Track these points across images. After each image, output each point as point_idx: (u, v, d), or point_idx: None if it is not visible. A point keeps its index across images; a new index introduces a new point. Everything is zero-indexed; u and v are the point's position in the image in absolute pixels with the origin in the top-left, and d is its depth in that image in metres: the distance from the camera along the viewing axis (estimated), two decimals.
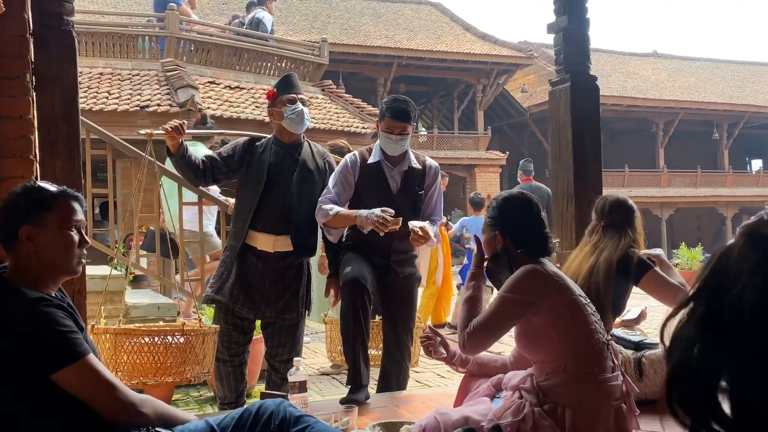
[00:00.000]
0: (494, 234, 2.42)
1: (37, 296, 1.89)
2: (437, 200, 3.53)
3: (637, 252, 3.22)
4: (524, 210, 2.44)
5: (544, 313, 2.23)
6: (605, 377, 2.22)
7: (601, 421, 2.17)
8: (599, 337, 2.26)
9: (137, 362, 3.48)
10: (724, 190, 25.05)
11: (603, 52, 26.96)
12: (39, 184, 2.05)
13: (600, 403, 2.18)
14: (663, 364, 3.21)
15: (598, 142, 4.01)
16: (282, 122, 3.48)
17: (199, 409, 4.36)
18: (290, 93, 3.48)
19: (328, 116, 10.45)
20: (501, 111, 24.92)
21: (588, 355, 2.22)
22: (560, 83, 4.04)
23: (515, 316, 2.29)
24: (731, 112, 25.63)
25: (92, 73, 9.42)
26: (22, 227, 1.94)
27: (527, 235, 2.39)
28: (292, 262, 3.47)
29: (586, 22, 4.01)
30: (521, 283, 2.27)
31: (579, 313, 2.24)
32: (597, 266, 3.13)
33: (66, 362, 1.84)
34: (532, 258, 2.36)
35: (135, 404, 1.94)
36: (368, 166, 3.45)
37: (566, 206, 3.92)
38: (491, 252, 2.46)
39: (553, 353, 2.23)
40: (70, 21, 2.96)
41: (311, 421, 2.05)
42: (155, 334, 3.60)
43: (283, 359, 3.52)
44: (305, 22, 21.64)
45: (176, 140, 3.35)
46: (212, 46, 10.34)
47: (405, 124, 3.35)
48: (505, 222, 2.42)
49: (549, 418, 2.14)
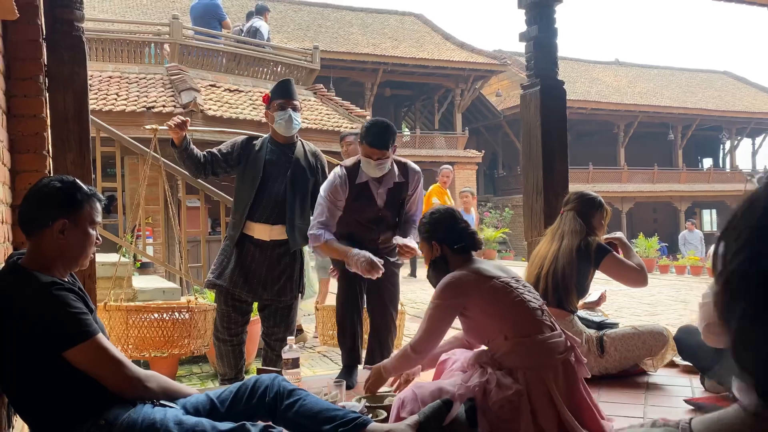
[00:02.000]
0: (431, 244, 2.57)
1: (49, 280, 1.88)
2: (419, 202, 3.49)
3: (596, 239, 3.24)
4: (451, 217, 2.61)
5: (473, 307, 2.40)
6: (545, 336, 2.33)
7: (549, 375, 2.26)
8: (530, 303, 2.39)
9: (147, 336, 3.50)
10: (678, 185, 25.26)
11: (570, 60, 27.04)
12: (77, 181, 2.03)
13: (546, 359, 2.29)
14: (623, 342, 3.24)
15: (565, 141, 4.02)
16: (274, 125, 3.47)
17: (201, 384, 4.35)
18: (281, 99, 3.46)
19: (319, 117, 10.43)
20: (477, 113, 24.95)
21: (523, 322, 2.35)
22: (531, 87, 4.04)
23: (447, 317, 2.45)
24: (685, 115, 25.81)
25: (102, 77, 9.32)
26: (59, 219, 1.93)
27: (459, 236, 2.55)
28: (287, 249, 3.47)
29: (554, 32, 4.01)
30: (444, 291, 2.43)
31: (502, 293, 2.37)
32: (560, 252, 3.16)
33: (77, 341, 1.84)
34: (466, 255, 2.54)
35: (141, 379, 1.93)
36: (356, 186, 3.26)
37: (535, 199, 3.93)
38: (429, 261, 2.61)
39: (495, 332, 2.37)
40: (81, 27, 2.92)
41: (303, 394, 2.05)
42: (164, 310, 3.62)
43: (278, 338, 3.51)
44: (299, 31, 21.53)
45: (180, 134, 3.34)
46: (213, 52, 10.27)
47: (383, 151, 3.16)
48: (437, 231, 2.57)
49: (508, 377, 2.26)
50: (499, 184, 25.92)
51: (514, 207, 20.60)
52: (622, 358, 3.24)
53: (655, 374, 3.35)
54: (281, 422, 1.99)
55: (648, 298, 8.34)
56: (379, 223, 3.34)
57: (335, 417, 1.95)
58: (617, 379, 3.25)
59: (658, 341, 3.28)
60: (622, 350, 3.23)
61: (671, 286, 9.88)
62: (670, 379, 3.30)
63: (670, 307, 7.59)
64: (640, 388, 3.14)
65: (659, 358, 3.33)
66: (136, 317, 3.55)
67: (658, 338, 3.28)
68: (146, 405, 1.92)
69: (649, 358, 3.32)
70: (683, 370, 3.43)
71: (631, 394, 3.04)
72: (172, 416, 1.88)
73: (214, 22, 9.73)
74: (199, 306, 3.68)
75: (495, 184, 26.14)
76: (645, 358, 3.32)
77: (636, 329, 3.30)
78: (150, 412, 1.88)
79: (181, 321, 3.58)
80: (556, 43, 4.05)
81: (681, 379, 3.29)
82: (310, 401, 2.01)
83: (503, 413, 2.17)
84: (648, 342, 3.26)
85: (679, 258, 13.89)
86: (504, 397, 2.18)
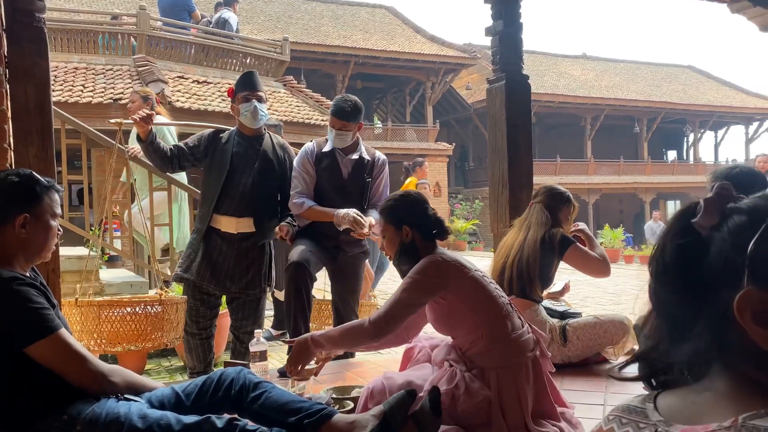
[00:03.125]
0: (401, 228, 2.40)
1: (10, 276, 1.85)
2: (384, 189, 3.56)
3: (560, 230, 3.29)
4: (421, 202, 2.47)
5: (452, 294, 2.26)
6: (518, 334, 2.29)
7: (521, 375, 2.23)
8: (502, 300, 2.33)
9: (120, 330, 3.47)
10: (643, 177, 25.69)
11: (538, 53, 27.26)
12: (34, 174, 2.00)
13: (519, 358, 2.25)
14: (584, 331, 3.31)
15: (529, 134, 4.07)
16: (240, 118, 3.45)
17: (170, 378, 4.32)
18: (245, 91, 3.44)
19: (289, 109, 10.36)
20: (448, 106, 25.04)
21: (498, 319, 2.27)
22: (496, 81, 4.07)
23: (422, 297, 2.28)
24: (650, 108, 26.24)
25: (67, 68, 9.14)
26: (21, 214, 1.91)
27: (432, 222, 2.42)
28: (255, 242, 3.46)
29: (519, 26, 4.04)
30: (429, 268, 2.28)
31: (480, 286, 2.30)
32: (526, 242, 3.21)
33: (39, 336, 1.82)
34: (434, 243, 2.40)
35: (104, 374, 1.91)
36: (323, 153, 3.49)
37: (501, 191, 3.97)
38: (395, 247, 2.43)
39: (471, 325, 2.27)
40: (42, 17, 2.86)
41: (268, 387, 2.05)
42: (135, 304, 3.59)
43: (246, 331, 3.51)
44: (269, 22, 21.34)
45: (145, 128, 3.30)
46: (181, 43, 10.13)
47: (344, 122, 3.40)
48: (408, 215, 2.42)
49: (478, 380, 2.20)
50: (469, 176, 26.08)
51: (484, 199, 20.76)
52: (585, 347, 3.30)
53: (617, 362, 3.42)
54: (247, 415, 1.98)
55: (612, 287, 8.49)
56: (343, 193, 3.45)
57: (301, 409, 1.95)
58: (579, 367, 3.31)
59: (619, 330, 3.35)
60: (585, 339, 3.30)
61: (636, 276, 10.08)
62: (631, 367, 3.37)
63: (634, 296, 7.74)
64: (602, 376, 3.21)
65: (620, 347, 3.40)
66: (108, 312, 3.51)
67: (620, 327, 3.35)
68: (110, 399, 1.90)
69: (610, 346, 3.39)
70: None
71: (593, 382, 3.10)
72: (137, 410, 1.87)
73: (184, 13, 9.59)
74: (171, 299, 3.66)
75: (465, 176, 26.29)
76: (606, 347, 3.39)
77: (598, 319, 3.37)
78: (114, 407, 1.87)
79: (154, 314, 3.56)
80: (521, 38, 4.08)
81: None
82: (276, 394, 2.01)
83: (471, 418, 2.17)
84: (609, 331, 3.33)
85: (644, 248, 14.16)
86: (473, 404, 2.16)
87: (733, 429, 0.62)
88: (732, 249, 0.67)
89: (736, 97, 28.87)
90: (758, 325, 0.64)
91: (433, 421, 2.01)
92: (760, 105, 27.66)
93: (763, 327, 0.64)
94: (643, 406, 0.74)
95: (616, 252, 12.94)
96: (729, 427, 0.63)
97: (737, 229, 0.67)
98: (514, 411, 2.19)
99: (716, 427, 0.64)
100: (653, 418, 0.72)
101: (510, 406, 2.18)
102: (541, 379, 2.32)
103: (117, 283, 5.02)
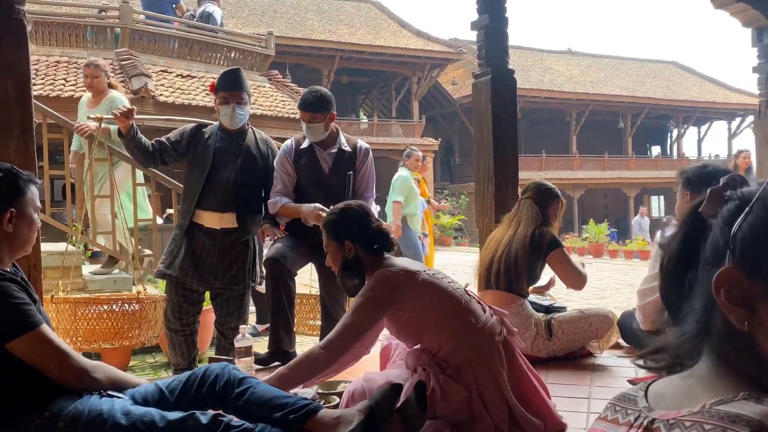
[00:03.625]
0: (343, 243, 2.34)
1: None
2: (369, 179, 3.52)
3: (551, 230, 3.31)
4: (362, 216, 2.40)
5: (408, 304, 2.23)
6: (483, 321, 2.27)
7: (496, 362, 2.23)
8: (459, 291, 2.31)
9: (96, 328, 3.44)
10: (627, 172, 25.89)
11: (524, 49, 27.35)
12: (14, 167, 1.97)
13: (489, 347, 2.24)
14: (570, 325, 3.33)
15: (515, 129, 4.08)
16: (219, 116, 3.43)
17: (154, 374, 4.29)
18: (225, 92, 3.38)
19: (274, 104, 10.32)
20: (434, 101, 25.05)
21: (460, 314, 2.25)
22: (482, 76, 4.07)
23: (376, 313, 2.24)
24: (634, 104, 26.43)
25: (49, 61, 9.04)
26: (8, 210, 1.89)
27: (375, 235, 2.36)
28: (238, 238, 3.43)
29: (504, 21, 4.04)
30: (379, 284, 2.24)
31: (434, 286, 2.26)
32: (515, 237, 3.23)
33: (20, 332, 1.80)
34: (381, 255, 2.34)
35: (87, 369, 1.90)
36: (301, 150, 3.45)
37: (486, 186, 3.97)
38: (338, 263, 2.37)
39: (434, 328, 2.25)
40: (21, 10, 2.81)
41: (253, 382, 2.04)
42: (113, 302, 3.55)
43: (231, 326, 3.48)
44: (254, 16, 21.22)
45: (126, 123, 3.27)
46: (165, 37, 10.04)
47: (310, 114, 3.34)
48: (352, 229, 2.35)
49: (453, 381, 2.19)
50: (455, 171, 26.13)
51: (470, 194, 20.81)
52: (570, 340, 3.32)
53: (601, 356, 3.44)
54: (231, 411, 1.97)
55: (597, 282, 8.56)
56: (324, 188, 3.40)
57: (286, 404, 1.95)
58: (565, 360, 3.33)
59: (603, 324, 3.37)
60: (570, 333, 3.31)
61: (620, 271, 10.16)
62: (615, 360, 3.40)
63: (618, 290, 7.81)
64: (587, 370, 3.23)
65: (605, 341, 3.43)
66: (84, 309, 3.48)
67: (604, 321, 3.37)
68: (93, 396, 1.89)
69: (595, 340, 3.41)
70: (627, 351, 3.54)
71: (578, 376, 3.12)
72: (120, 407, 1.85)
73: (167, 6, 9.50)
74: (149, 297, 3.63)
75: (451, 171, 26.34)
76: (591, 341, 3.41)
77: (583, 313, 3.39)
78: (97, 403, 1.85)
79: (131, 312, 3.53)
80: (507, 33, 4.08)
81: (626, 360, 3.39)
82: (261, 389, 2.00)
83: (453, 418, 2.16)
84: (594, 325, 3.35)
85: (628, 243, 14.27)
86: (451, 407, 2.15)
87: (699, 414, 0.64)
88: (720, 232, 0.70)
89: (719, 92, 29.15)
90: (732, 304, 0.67)
91: (418, 415, 2.01)
92: (742, 101, 27.92)
93: (737, 305, 0.66)
94: (635, 394, 0.78)
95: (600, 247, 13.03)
96: (697, 412, 0.65)
97: (727, 214, 0.71)
98: (497, 403, 2.19)
99: (686, 412, 0.66)
100: (640, 405, 0.75)
101: (492, 399, 2.19)
102: (515, 358, 2.32)
103: (100, 279, 4.97)
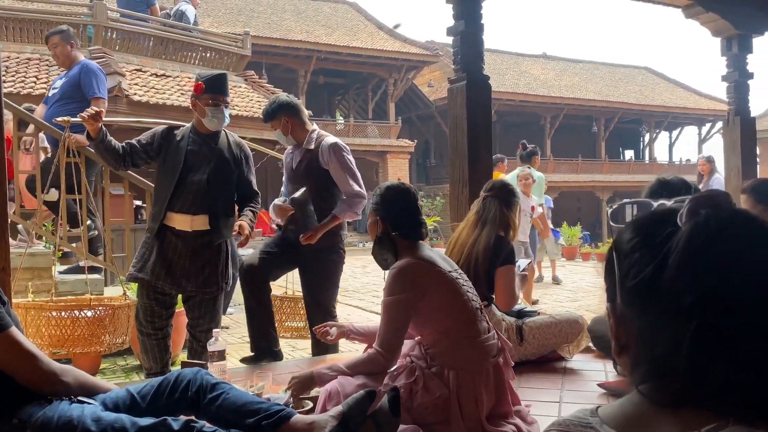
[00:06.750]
0: (376, 219, 2.41)
1: None
2: (342, 172, 3.56)
3: (511, 242, 3.30)
4: (402, 197, 2.43)
5: (429, 297, 2.27)
6: (482, 339, 2.30)
7: (481, 378, 2.25)
8: (473, 304, 2.34)
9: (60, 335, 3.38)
10: (600, 176, 26.23)
11: (500, 53, 27.55)
12: None
13: (480, 363, 2.27)
14: (541, 330, 3.36)
15: (489, 134, 4.11)
16: (203, 118, 3.39)
17: (126, 377, 4.24)
18: (215, 94, 3.37)
19: (250, 104, 10.26)
20: (410, 103, 25.12)
21: (465, 322, 2.29)
22: (457, 81, 4.10)
23: (408, 313, 2.27)
24: (607, 108, 26.79)
25: (20, 58, 8.89)
26: None
27: (403, 221, 2.39)
28: (211, 240, 3.40)
29: (480, 27, 4.07)
30: (396, 285, 2.27)
31: (454, 289, 2.30)
32: (479, 240, 3.22)
33: None
34: (410, 241, 2.37)
35: (56, 373, 1.88)
36: (287, 154, 3.78)
37: (461, 189, 4.00)
38: (374, 236, 2.43)
39: (437, 326, 2.29)
40: None
41: (226, 388, 2.03)
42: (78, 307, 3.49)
43: (203, 329, 3.46)
44: (230, 15, 21.07)
45: (95, 126, 3.22)
46: (139, 35, 9.93)
47: (268, 123, 3.70)
48: (385, 208, 2.40)
49: (436, 378, 2.22)
50: (431, 173, 26.22)
51: (446, 196, 20.87)
52: (540, 345, 3.36)
53: (572, 360, 3.49)
54: (204, 416, 1.96)
55: (570, 284, 8.67)
56: (295, 183, 3.63)
57: (259, 410, 1.94)
58: (536, 364, 3.37)
59: (574, 329, 3.42)
60: (540, 338, 3.35)
61: (592, 273, 10.29)
62: (586, 364, 3.45)
63: (590, 293, 7.92)
64: (558, 373, 3.27)
65: (575, 345, 3.48)
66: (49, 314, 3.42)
67: (574, 326, 3.42)
68: (62, 402, 1.86)
69: (566, 344, 3.46)
70: (598, 355, 3.59)
71: (549, 379, 3.16)
72: (90, 413, 1.83)
73: (142, 6, 9.40)
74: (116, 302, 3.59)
75: (427, 173, 26.44)
76: (562, 345, 3.46)
77: (553, 318, 3.43)
78: (66, 410, 1.83)
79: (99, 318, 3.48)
80: (482, 39, 4.11)
81: (596, 364, 3.45)
82: (234, 395, 2.00)
83: (427, 414, 2.19)
84: (564, 330, 3.40)
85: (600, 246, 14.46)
86: (429, 400, 2.18)
87: None
88: None
89: (689, 98, 29.68)
90: None
91: (392, 421, 2.03)
92: (712, 106, 28.48)
93: None
94: (588, 420, 0.72)
95: (573, 249, 13.19)
96: None
97: None
98: (472, 411, 2.21)
99: None
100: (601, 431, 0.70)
101: (467, 405, 2.21)
102: (503, 386, 2.33)
103: (71, 280, 4.89)
